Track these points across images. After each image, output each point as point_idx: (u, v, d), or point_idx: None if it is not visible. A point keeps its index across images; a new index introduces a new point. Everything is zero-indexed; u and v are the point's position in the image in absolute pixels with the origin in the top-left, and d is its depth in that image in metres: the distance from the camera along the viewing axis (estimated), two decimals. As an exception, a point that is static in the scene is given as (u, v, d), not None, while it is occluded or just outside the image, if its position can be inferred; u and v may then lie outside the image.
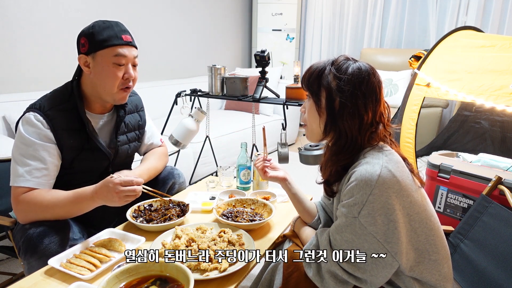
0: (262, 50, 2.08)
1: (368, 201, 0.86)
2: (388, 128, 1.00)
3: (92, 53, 1.19)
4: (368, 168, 0.88)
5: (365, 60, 4.37)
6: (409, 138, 2.00)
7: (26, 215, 1.15)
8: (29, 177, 1.15)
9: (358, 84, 0.93)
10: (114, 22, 1.22)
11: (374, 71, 0.97)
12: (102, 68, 1.19)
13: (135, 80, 1.28)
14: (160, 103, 3.02)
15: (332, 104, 0.95)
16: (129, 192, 1.10)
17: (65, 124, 1.21)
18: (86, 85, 1.26)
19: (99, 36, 1.18)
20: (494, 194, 1.39)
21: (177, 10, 3.72)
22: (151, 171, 1.43)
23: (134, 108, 1.46)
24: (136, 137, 1.46)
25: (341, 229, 0.91)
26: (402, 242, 0.87)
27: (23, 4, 2.48)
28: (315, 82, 0.98)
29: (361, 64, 0.97)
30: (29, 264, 1.11)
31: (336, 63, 0.97)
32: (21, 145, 1.17)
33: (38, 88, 2.62)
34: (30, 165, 1.15)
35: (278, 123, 3.70)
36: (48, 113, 1.19)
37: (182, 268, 0.89)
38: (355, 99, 0.93)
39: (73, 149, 1.23)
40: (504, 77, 1.69)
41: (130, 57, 1.23)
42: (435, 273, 0.93)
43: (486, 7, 3.57)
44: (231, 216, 1.31)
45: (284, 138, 1.79)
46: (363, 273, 0.88)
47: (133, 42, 1.25)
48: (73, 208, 1.16)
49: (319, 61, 1.02)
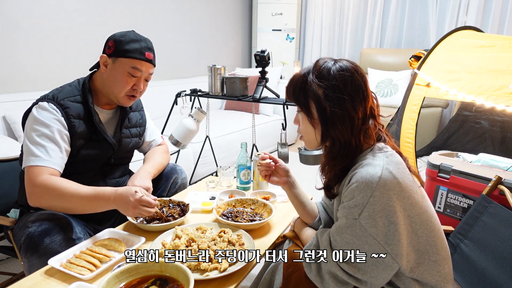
0: (262, 50, 2.08)
1: (369, 203, 0.85)
2: (379, 120, 0.99)
3: (114, 57, 1.28)
4: (369, 169, 0.87)
5: (365, 60, 4.35)
6: (409, 138, 2.00)
7: (40, 199, 1.15)
8: (46, 157, 1.16)
9: (343, 86, 0.91)
10: (144, 38, 1.31)
11: (356, 67, 0.96)
12: (117, 73, 1.28)
13: (142, 92, 1.37)
14: (160, 103, 3.02)
15: (324, 113, 0.93)
16: (144, 211, 1.14)
17: (76, 113, 1.27)
18: (98, 81, 1.34)
19: (126, 45, 1.26)
20: (494, 194, 1.39)
21: (177, 10, 3.72)
22: (159, 167, 1.52)
23: (136, 107, 1.52)
24: (137, 133, 1.51)
25: (341, 230, 0.90)
26: (402, 244, 0.86)
27: (23, 4, 2.48)
28: (301, 94, 0.97)
29: (341, 64, 0.94)
30: (29, 262, 1.11)
31: (316, 69, 0.95)
32: (37, 128, 1.19)
33: (38, 88, 2.62)
34: (46, 146, 1.18)
35: (278, 123, 3.70)
36: (61, 103, 1.25)
37: (182, 268, 0.89)
38: (343, 102, 0.91)
39: (81, 138, 1.28)
40: (504, 77, 1.69)
41: (145, 73, 1.32)
42: (435, 274, 0.93)
43: (486, 7, 3.57)
44: (231, 216, 1.31)
45: (284, 138, 1.79)
46: (363, 274, 0.87)
47: (153, 61, 1.34)
48: (89, 204, 1.17)
49: (300, 70, 1.00)
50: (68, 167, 1.26)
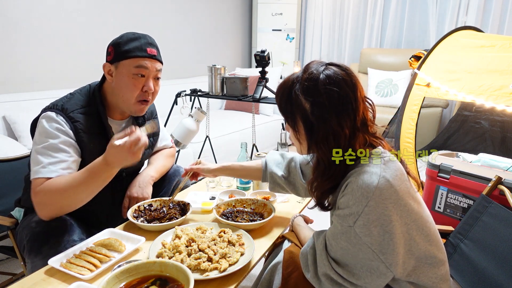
0: (262, 50, 2.08)
1: (363, 212, 0.84)
2: (372, 129, 0.95)
3: (115, 62, 1.21)
4: (365, 178, 0.85)
5: (365, 60, 4.35)
6: (409, 138, 2.00)
7: (45, 207, 1.11)
8: (54, 168, 1.12)
9: (328, 103, 0.87)
10: (143, 35, 1.24)
11: (347, 75, 0.90)
12: (122, 77, 1.21)
13: (155, 94, 1.29)
14: (160, 103, 3.00)
15: (311, 128, 0.91)
16: (135, 141, 1.04)
17: (86, 127, 1.21)
18: (108, 92, 1.27)
19: (124, 46, 1.20)
20: (494, 194, 1.38)
21: (177, 10, 3.72)
22: (162, 170, 1.49)
23: (150, 115, 1.47)
24: (150, 144, 1.47)
25: (336, 236, 0.90)
26: (398, 253, 0.85)
27: (23, 4, 2.48)
28: (288, 106, 0.93)
29: (330, 72, 0.89)
30: (33, 263, 1.10)
31: (303, 80, 0.90)
32: (45, 139, 1.15)
33: (38, 88, 2.62)
34: (55, 157, 1.13)
35: (278, 123, 3.70)
36: (70, 115, 1.19)
37: (182, 268, 0.88)
38: (328, 121, 0.88)
39: (92, 153, 1.22)
40: (504, 77, 1.69)
41: (151, 70, 1.23)
42: (431, 276, 0.92)
43: (486, 7, 3.58)
44: (231, 216, 1.31)
45: (284, 138, 1.79)
46: (357, 279, 0.87)
47: (157, 56, 1.25)
48: (91, 183, 1.10)
49: (289, 76, 0.95)
50: None
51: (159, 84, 1.30)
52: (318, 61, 0.94)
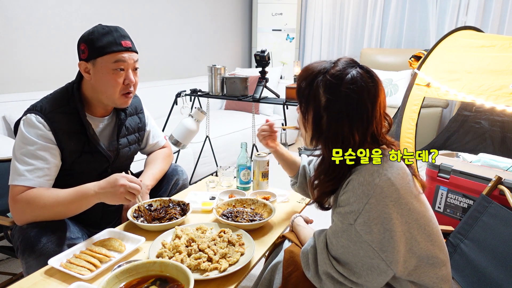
0: (262, 50, 2.08)
1: (364, 210, 0.84)
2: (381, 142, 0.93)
3: (92, 59, 1.19)
4: (367, 176, 0.86)
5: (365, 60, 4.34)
6: (409, 138, 2.00)
7: (23, 215, 1.13)
8: (30, 176, 1.14)
9: (345, 106, 0.87)
10: (114, 28, 1.22)
11: (372, 85, 0.88)
12: (102, 74, 1.20)
13: (136, 85, 1.28)
14: (160, 103, 3.02)
15: (319, 122, 0.91)
16: (133, 189, 1.12)
17: (66, 127, 1.21)
18: (87, 89, 1.26)
19: (98, 42, 1.17)
20: (494, 194, 1.39)
21: (177, 10, 3.72)
22: (158, 175, 1.48)
23: (134, 110, 1.46)
24: (136, 139, 1.47)
25: (337, 234, 0.90)
26: (398, 251, 0.85)
27: (23, 4, 2.48)
28: (306, 92, 0.93)
29: (357, 74, 0.88)
30: (27, 263, 1.10)
31: (329, 74, 0.89)
32: (23, 145, 1.16)
33: (38, 88, 2.62)
34: (31, 164, 1.15)
35: (278, 123, 3.70)
36: (49, 116, 1.19)
37: (182, 268, 0.88)
38: (341, 121, 0.87)
39: (73, 152, 1.23)
40: (504, 77, 1.69)
41: (129, 62, 1.23)
42: (432, 276, 0.92)
43: (486, 7, 3.57)
44: (231, 216, 1.31)
45: (284, 138, 1.79)
46: (358, 277, 0.87)
47: (133, 47, 1.24)
48: (73, 205, 1.15)
49: (319, 62, 0.94)
50: (63, 179, 1.24)
51: (137, 74, 1.29)
52: (350, 59, 0.93)
